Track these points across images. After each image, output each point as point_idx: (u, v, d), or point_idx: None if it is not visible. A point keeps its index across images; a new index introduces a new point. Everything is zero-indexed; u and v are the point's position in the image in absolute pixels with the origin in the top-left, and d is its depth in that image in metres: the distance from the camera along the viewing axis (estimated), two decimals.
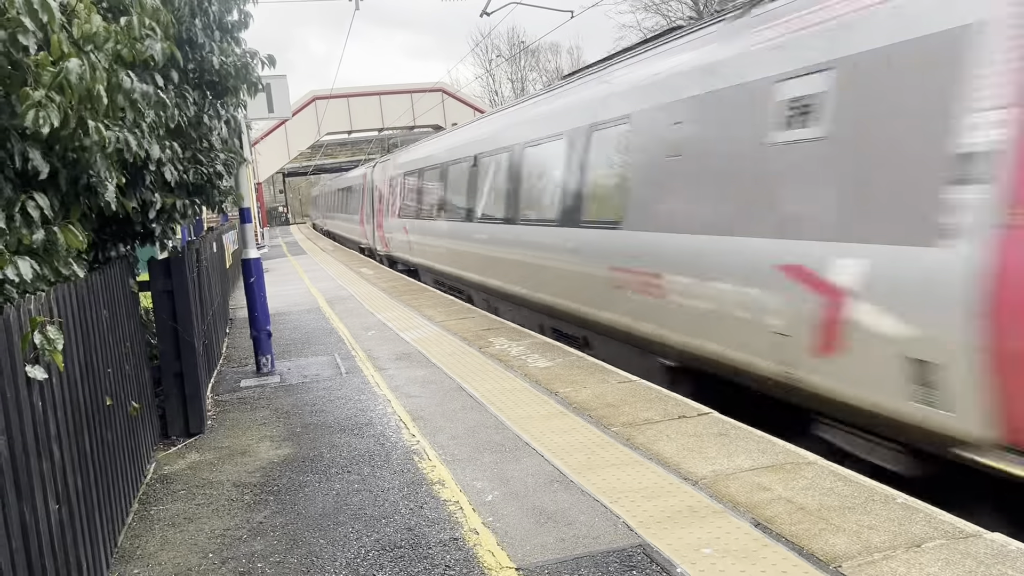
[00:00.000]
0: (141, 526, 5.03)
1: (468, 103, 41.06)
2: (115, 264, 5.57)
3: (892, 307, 5.09)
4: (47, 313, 3.64)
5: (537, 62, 62.79)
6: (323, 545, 4.55)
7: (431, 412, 7.06)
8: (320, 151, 57.39)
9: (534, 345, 9.70)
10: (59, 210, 4.27)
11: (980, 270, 4.53)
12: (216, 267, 11.64)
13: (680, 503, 4.72)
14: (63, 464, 3.70)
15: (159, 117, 5.02)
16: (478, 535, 4.51)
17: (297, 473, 5.79)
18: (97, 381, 4.52)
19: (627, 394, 7.20)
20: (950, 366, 4.75)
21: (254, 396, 8.25)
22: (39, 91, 3.53)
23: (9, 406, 3.07)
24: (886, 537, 4.11)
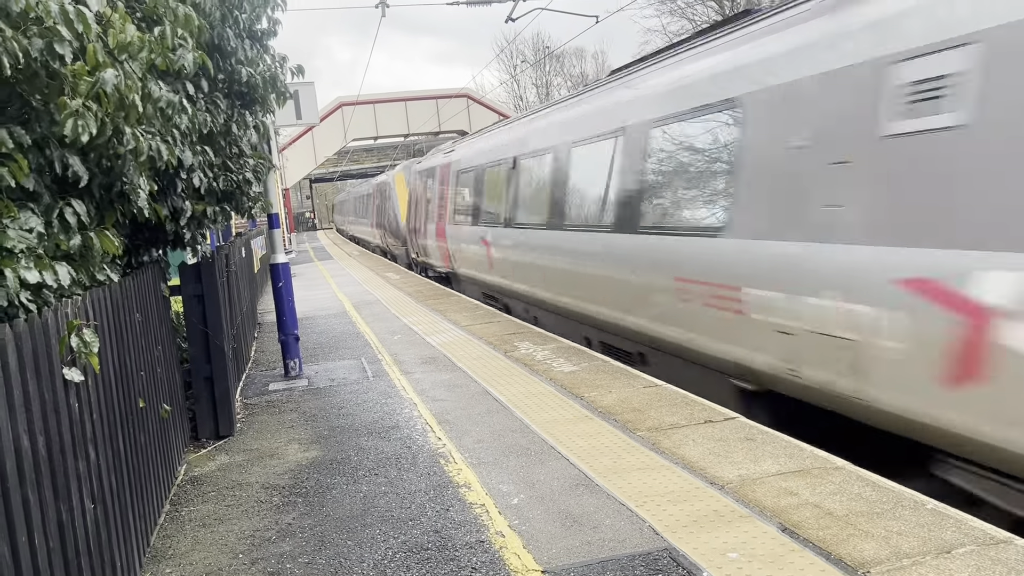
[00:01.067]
0: (172, 526, 5.12)
1: (493, 108, 41.19)
2: (147, 269, 5.67)
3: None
4: (83, 316, 3.73)
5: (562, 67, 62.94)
6: (351, 547, 4.60)
7: (457, 415, 7.10)
8: (347, 157, 57.83)
9: (559, 349, 9.71)
10: (94, 216, 4.36)
11: None
12: (245, 272, 11.79)
13: (706, 507, 4.71)
14: (99, 465, 3.78)
15: (192, 124, 5.11)
16: (504, 538, 4.54)
17: (325, 475, 5.85)
18: (130, 384, 4.61)
19: (653, 398, 7.19)
20: None
21: (282, 399, 8.35)
22: (76, 100, 3.62)
23: (47, 408, 3.15)
24: (915, 543, 4.08)
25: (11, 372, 2.81)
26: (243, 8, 6.31)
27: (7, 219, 3.54)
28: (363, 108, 37.73)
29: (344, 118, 37.48)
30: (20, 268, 3.35)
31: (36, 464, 2.97)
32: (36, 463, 2.97)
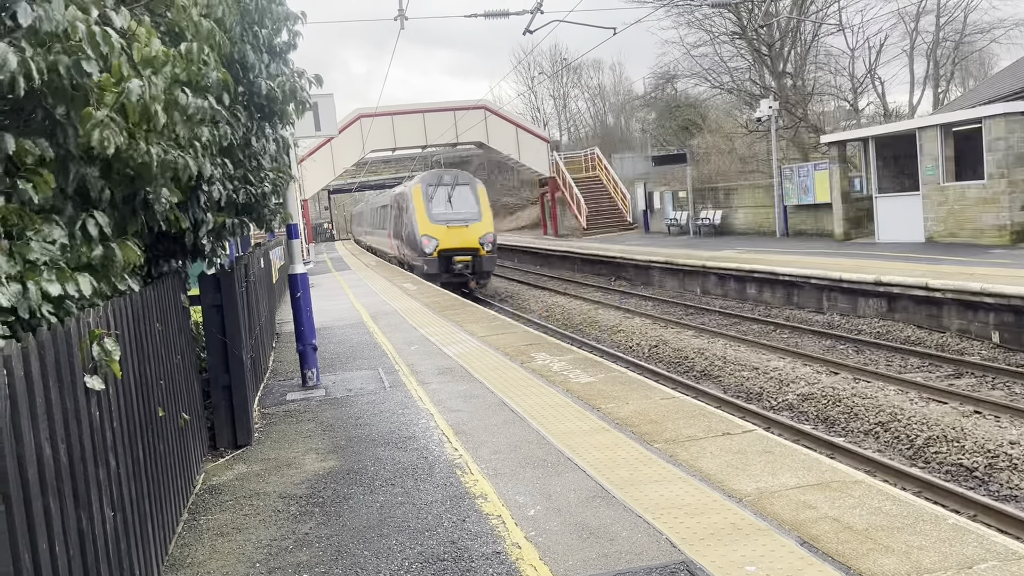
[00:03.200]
0: (191, 535, 5.15)
1: (511, 120, 41.24)
2: (168, 279, 5.73)
3: None
4: (104, 325, 3.77)
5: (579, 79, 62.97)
6: (367, 557, 4.61)
7: (473, 426, 7.10)
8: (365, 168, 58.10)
9: (576, 360, 9.70)
10: (116, 227, 4.41)
11: None
12: (263, 282, 11.86)
13: (724, 520, 4.68)
14: (118, 473, 3.81)
15: (213, 136, 5.16)
16: (520, 549, 4.53)
17: (342, 485, 5.87)
18: (150, 393, 4.65)
19: (670, 410, 7.16)
20: None
21: (300, 409, 8.38)
22: (102, 111, 3.67)
23: (69, 416, 3.19)
24: (936, 558, 4.03)
25: (34, 380, 2.85)
26: (263, 23, 6.37)
27: (31, 231, 3.59)
28: (381, 120, 37.89)
29: (362, 129, 37.67)
30: (43, 281, 3.39)
31: (57, 472, 3.00)
32: (57, 471, 3.00)
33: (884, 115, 33.69)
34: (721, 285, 19.91)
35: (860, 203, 22.55)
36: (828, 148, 23.10)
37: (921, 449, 8.49)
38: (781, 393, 10.83)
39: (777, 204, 25.82)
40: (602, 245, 29.67)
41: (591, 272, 28.03)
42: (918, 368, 11.67)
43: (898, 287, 14.08)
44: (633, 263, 24.41)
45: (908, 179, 21.04)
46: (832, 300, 16.11)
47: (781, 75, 32.76)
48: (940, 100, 34.82)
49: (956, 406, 9.41)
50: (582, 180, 40.29)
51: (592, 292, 23.46)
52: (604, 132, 56.98)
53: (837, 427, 9.55)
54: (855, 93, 34.32)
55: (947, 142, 18.81)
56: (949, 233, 18.76)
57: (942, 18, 33.09)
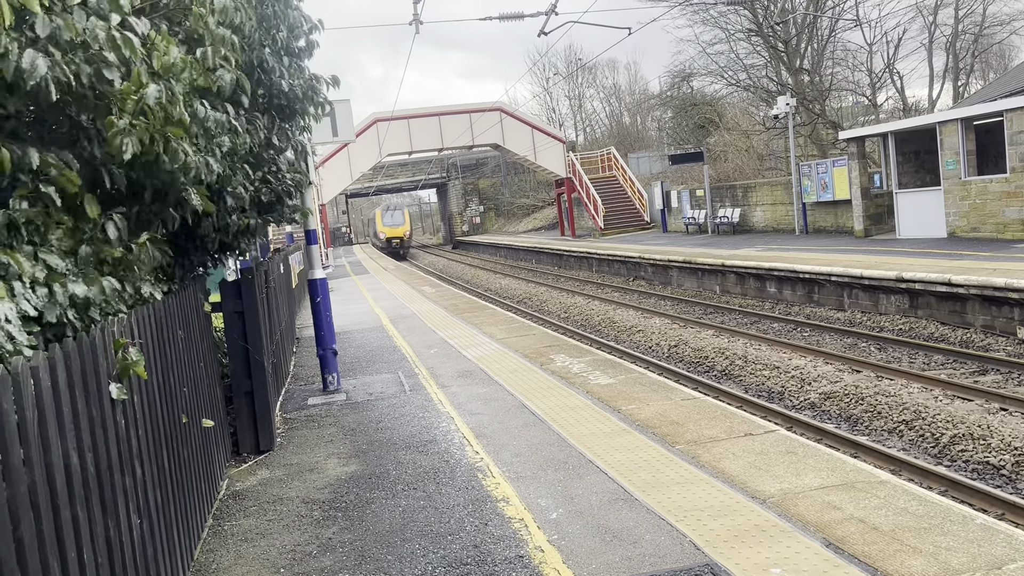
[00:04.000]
0: (216, 541, 5.18)
1: (526, 121, 41.24)
2: (189, 286, 5.77)
3: None
4: (128, 334, 3.80)
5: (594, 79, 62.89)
6: (391, 561, 4.62)
7: (494, 429, 7.10)
8: (382, 172, 58.34)
9: (595, 362, 9.68)
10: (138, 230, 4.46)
11: None
12: (283, 288, 11.93)
13: (747, 522, 4.65)
14: (144, 480, 3.84)
15: (233, 144, 5.20)
16: (543, 553, 4.52)
17: (364, 490, 5.89)
18: (174, 400, 4.69)
19: (691, 411, 7.13)
20: None
21: (321, 414, 8.42)
22: (124, 119, 3.71)
23: (95, 424, 3.22)
24: (965, 559, 3.99)
25: (60, 390, 2.88)
26: (281, 28, 6.42)
27: (53, 235, 3.63)
28: (397, 123, 38.01)
29: (379, 134, 37.81)
30: (68, 282, 3.43)
31: (85, 480, 3.03)
32: (85, 479, 3.03)
33: (903, 110, 33.39)
34: (740, 284, 19.80)
35: (880, 199, 22.35)
36: (847, 144, 22.92)
37: (947, 447, 8.39)
38: (803, 392, 10.75)
39: (796, 201, 25.66)
40: (619, 245, 29.61)
41: (609, 272, 27.97)
42: (942, 365, 11.55)
43: (920, 283, 13.94)
44: (651, 263, 24.34)
45: (929, 174, 20.84)
46: (853, 297, 15.98)
47: (798, 71, 32.55)
48: (960, 93, 34.47)
49: (982, 403, 9.30)
50: (598, 180, 40.22)
51: (610, 292, 23.41)
52: (620, 132, 56.86)
53: (860, 426, 9.47)
54: (873, 88, 34.04)
55: (968, 136, 18.61)
56: (971, 228, 18.55)
57: (961, 11, 32.77)
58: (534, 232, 51.41)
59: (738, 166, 34.47)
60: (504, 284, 29.19)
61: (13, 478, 2.43)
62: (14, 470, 2.44)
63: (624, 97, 61.79)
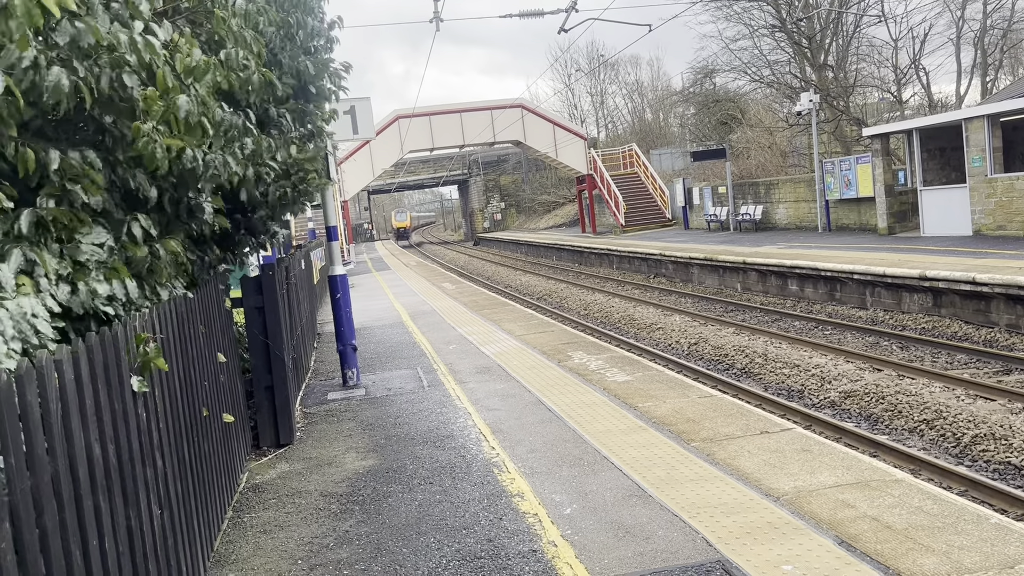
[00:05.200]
0: (235, 532, 5.28)
1: (547, 118, 41.23)
2: (211, 282, 5.87)
3: None
4: (150, 329, 3.89)
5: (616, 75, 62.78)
6: (406, 554, 4.69)
7: (510, 425, 7.15)
8: (403, 168, 58.56)
9: (613, 359, 9.70)
10: (162, 231, 4.55)
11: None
12: (304, 283, 12.06)
13: (760, 519, 4.67)
14: (165, 472, 3.93)
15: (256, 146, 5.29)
16: (556, 547, 4.57)
17: (381, 484, 5.97)
18: (195, 393, 4.78)
19: (708, 409, 7.14)
20: None
21: (340, 408, 8.52)
22: (148, 123, 3.80)
23: (117, 417, 3.30)
24: (978, 558, 3.98)
25: (84, 383, 2.96)
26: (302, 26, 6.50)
27: (79, 234, 3.73)
28: (419, 120, 38.17)
29: (400, 131, 38.00)
30: (92, 280, 3.53)
31: (107, 471, 3.11)
32: (107, 470, 3.11)
33: (929, 106, 33.01)
34: (762, 281, 19.71)
35: (904, 196, 22.14)
36: (871, 141, 22.71)
37: (968, 447, 8.33)
38: (823, 391, 10.71)
39: (819, 198, 25.47)
40: (640, 242, 29.54)
41: (629, 269, 27.93)
42: (965, 364, 11.45)
43: (944, 282, 13.81)
44: (672, 260, 24.27)
45: (954, 171, 20.61)
46: (876, 296, 15.86)
47: (822, 67, 32.28)
48: (988, 89, 34.00)
49: (1005, 403, 9.22)
50: (620, 177, 40.14)
51: (630, 290, 23.38)
52: (642, 128, 56.68)
53: (880, 425, 9.42)
54: (899, 84, 33.67)
55: (995, 133, 18.38)
56: (997, 226, 18.33)
57: (989, 5, 32.30)
58: (555, 229, 51.41)
59: (761, 163, 34.25)
60: (524, 281, 29.24)
61: (37, 468, 2.51)
62: (38, 460, 2.52)
63: (647, 93, 61.60)
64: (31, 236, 3.47)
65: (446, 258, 48.77)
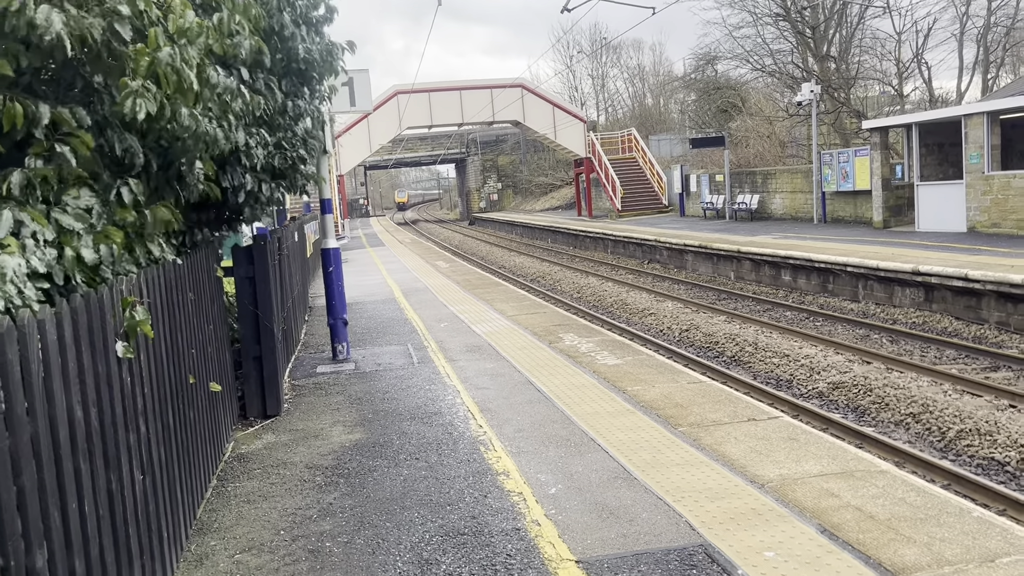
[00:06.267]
0: (219, 501, 5.26)
1: (547, 99, 41.00)
2: (202, 250, 5.82)
3: None
4: (137, 294, 3.85)
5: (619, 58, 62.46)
6: (389, 528, 4.68)
7: (499, 404, 7.15)
8: (401, 145, 58.28)
9: (604, 342, 9.69)
10: (151, 196, 4.49)
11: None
12: (297, 256, 12.00)
13: (744, 505, 4.68)
14: (148, 437, 3.91)
15: (246, 107, 5.22)
16: (540, 526, 4.57)
17: (367, 458, 5.95)
18: (181, 361, 4.75)
19: (696, 395, 7.14)
20: None
21: (329, 382, 8.50)
22: (137, 80, 3.74)
23: (100, 381, 3.27)
24: (959, 551, 3.99)
25: (67, 344, 2.93)
26: None
27: (67, 196, 3.67)
28: (418, 96, 37.93)
29: (399, 106, 37.75)
30: (81, 247, 3.47)
31: (88, 434, 3.08)
32: (88, 433, 3.08)
33: (930, 101, 32.94)
34: (755, 271, 19.71)
35: (900, 191, 22.13)
36: (870, 134, 22.66)
37: (952, 441, 8.37)
38: (812, 381, 10.73)
39: (815, 190, 25.44)
40: (636, 227, 29.51)
41: (624, 254, 27.90)
42: (953, 360, 11.48)
43: (936, 277, 13.83)
44: (667, 246, 24.26)
45: (952, 167, 20.59)
46: (868, 289, 15.88)
47: (824, 58, 32.14)
48: (989, 87, 33.94)
49: (991, 399, 9.25)
50: (618, 161, 40.02)
51: (624, 274, 23.37)
52: (642, 113, 56.47)
53: (867, 417, 9.45)
54: (900, 78, 33.57)
55: (993, 130, 18.35)
56: (992, 223, 18.35)
57: (994, 2, 32.17)
58: (551, 211, 51.32)
59: (759, 152, 34.18)
60: (518, 262, 29.20)
61: (16, 428, 2.48)
62: (17, 420, 2.49)
63: (648, 78, 61.33)
64: (20, 197, 3.42)
65: (441, 237, 48.68)
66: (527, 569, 4.08)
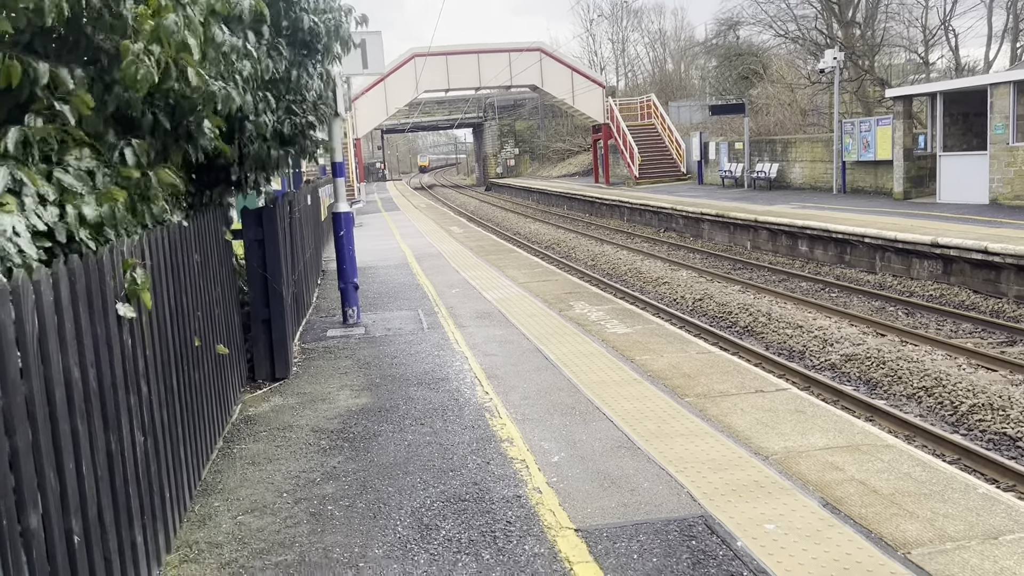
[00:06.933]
0: (224, 463, 5.30)
1: (566, 63, 40.50)
2: (208, 212, 5.80)
3: None
4: (139, 255, 3.84)
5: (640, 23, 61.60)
6: (391, 493, 4.70)
7: (506, 371, 7.14)
8: (418, 109, 57.93)
9: (614, 311, 9.65)
10: (158, 155, 4.47)
11: None
12: (310, 219, 11.98)
13: (747, 477, 4.65)
14: (151, 399, 3.92)
15: (255, 70, 5.16)
16: (541, 494, 4.57)
17: (373, 422, 5.98)
18: (186, 323, 4.75)
19: (705, 365, 7.10)
20: None
21: (338, 346, 8.52)
22: (139, 43, 3.69)
23: (100, 342, 3.27)
24: (962, 527, 3.96)
25: (63, 306, 2.92)
26: None
27: (69, 155, 3.65)
28: (435, 60, 37.57)
29: (416, 69, 37.43)
30: (82, 204, 3.45)
31: (87, 396, 3.09)
32: (87, 395, 3.09)
33: (956, 70, 32.25)
34: (772, 240, 19.53)
35: (922, 161, 21.77)
36: (893, 103, 22.25)
37: (964, 416, 8.30)
38: (824, 352, 10.65)
39: (835, 159, 25.09)
40: (653, 195, 29.27)
41: (640, 222, 27.72)
42: (970, 334, 11.35)
43: (955, 249, 13.63)
44: (683, 215, 24.06)
45: (976, 138, 20.21)
46: (885, 260, 15.70)
47: (849, 24, 31.49)
48: (1018, 55, 33.15)
49: (1006, 374, 9.15)
50: (636, 128, 39.59)
51: (640, 243, 23.24)
52: (662, 79, 55.74)
53: (879, 389, 9.38)
54: (926, 45, 32.87)
55: (1020, 100, 17.96)
56: (1015, 195, 18.04)
57: None
58: (568, 177, 50.99)
59: (779, 120, 33.68)
60: (533, 229, 29.09)
61: (9, 388, 2.48)
62: (11, 381, 2.49)
63: (669, 43, 60.46)
64: (18, 155, 3.39)
65: (457, 202, 48.54)
66: (526, 536, 4.09)
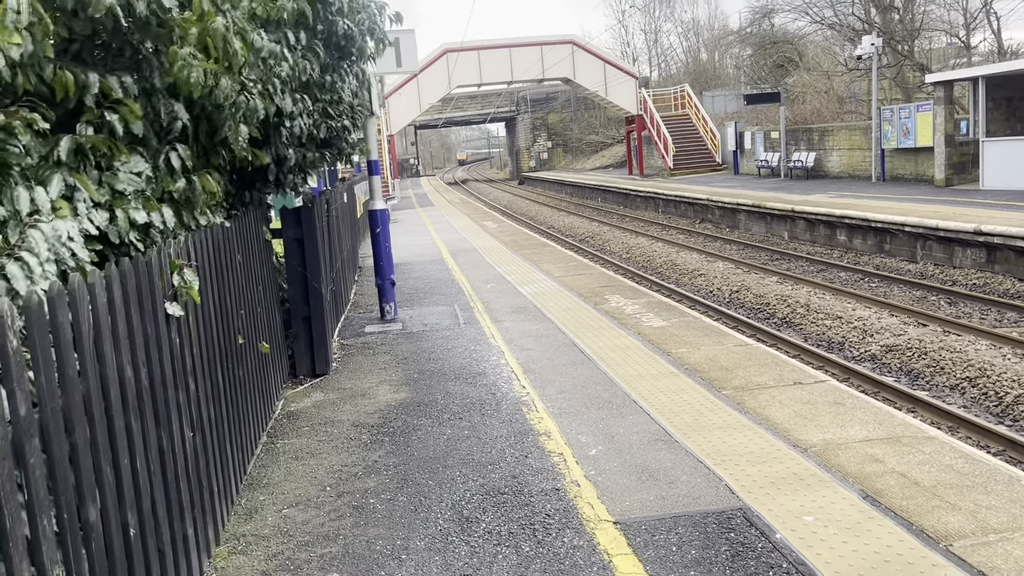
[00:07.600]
0: (268, 457, 5.43)
1: (598, 55, 40.30)
2: (250, 212, 5.92)
3: None
4: (185, 256, 3.95)
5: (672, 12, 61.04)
6: (431, 486, 4.78)
7: (542, 365, 7.19)
8: (451, 104, 58.08)
9: (650, 304, 9.64)
10: (199, 160, 4.58)
11: None
12: (346, 217, 12.13)
13: (786, 470, 4.65)
14: (198, 396, 4.04)
15: (292, 72, 5.26)
16: (579, 487, 4.61)
17: (412, 417, 6.06)
18: (230, 321, 4.87)
19: (742, 357, 7.08)
20: None
21: (377, 342, 8.63)
22: (186, 48, 3.79)
23: (150, 341, 3.38)
24: (1005, 519, 3.93)
25: (116, 307, 3.03)
26: None
27: (118, 162, 3.77)
28: (467, 54, 37.63)
29: (448, 65, 37.53)
30: (130, 209, 3.57)
31: (139, 393, 3.20)
32: (139, 392, 3.20)
33: (999, 53, 31.51)
34: (809, 231, 19.30)
35: (964, 147, 21.35)
36: (933, 88, 21.84)
37: (1010, 407, 8.16)
38: (864, 343, 10.54)
39: (874, 147, 24.69)
40: (688, 186, 29.07)
41: (675, 214, 27.55)
42: (1015, 323, 11.14)
43: (1000, 237, 13.38)
44: (719, 206, 23.87)
45: (1020, 123, 19.79)
46: (927, 249, 15.45)
47: (887, 9, 30.93)
48: None
49: None
50: (670, 118, 39.29)
51: (675, 234, 23.11)
52: (696, 68, 55.24)
53: (921, 380, 9.26)
54: (968, 29, 32.15)
55: None
56: None
57: None
58: (601, 170, 50.80)
59: (816, 108, 33.23)
60: (567, 222, 29.06)
61: (68, 388, 2.59)
62: (69, 380, 2.60)
63: (702, 32, 59.87)
64: (70, 162, 3.51)
65: (490, 196, 48.64)
66: (565, 529, 4.14)
